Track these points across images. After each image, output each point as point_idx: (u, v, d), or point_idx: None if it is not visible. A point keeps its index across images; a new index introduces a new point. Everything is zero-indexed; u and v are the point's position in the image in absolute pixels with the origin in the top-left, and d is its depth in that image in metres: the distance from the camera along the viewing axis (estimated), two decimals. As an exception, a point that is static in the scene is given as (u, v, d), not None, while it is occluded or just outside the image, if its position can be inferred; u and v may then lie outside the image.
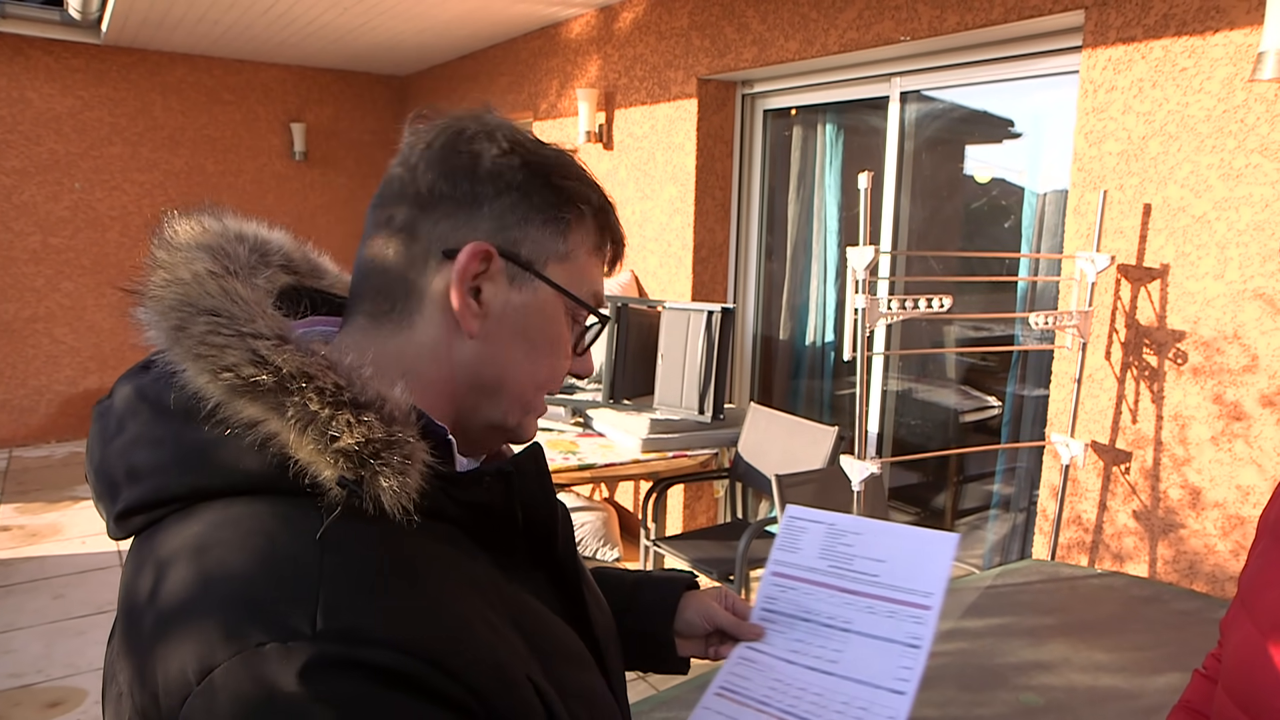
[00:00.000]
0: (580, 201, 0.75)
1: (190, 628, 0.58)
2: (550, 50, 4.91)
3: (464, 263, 0.70)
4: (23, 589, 3.86)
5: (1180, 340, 2.33)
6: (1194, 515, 2.32)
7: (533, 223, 0.73)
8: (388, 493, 0.63)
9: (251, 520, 0.63)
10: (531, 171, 0.73)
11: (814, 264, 3.97)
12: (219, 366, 0.63)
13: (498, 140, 0.73)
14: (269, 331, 0.65)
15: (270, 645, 0.56)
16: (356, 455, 0.62)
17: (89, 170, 5.96)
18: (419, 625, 0.60)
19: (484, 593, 0.68)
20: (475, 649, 0.63)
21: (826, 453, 3.18)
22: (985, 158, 3.41)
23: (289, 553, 0.61)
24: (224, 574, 0.60)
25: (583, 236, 0.76)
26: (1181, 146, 2.28)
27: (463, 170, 0.72)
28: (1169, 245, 2.33)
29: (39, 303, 5.91)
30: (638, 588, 1.04)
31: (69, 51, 5.76)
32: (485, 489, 0.71)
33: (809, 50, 3.31)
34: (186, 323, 0.65)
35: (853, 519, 1.01)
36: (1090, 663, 1.74)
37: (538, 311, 0.74)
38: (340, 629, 0.57)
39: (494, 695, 0.62)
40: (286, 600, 0.58)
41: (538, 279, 0.74)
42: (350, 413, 0.63)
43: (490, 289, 0.72)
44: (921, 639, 0.89)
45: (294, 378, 0.63)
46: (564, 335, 0.77)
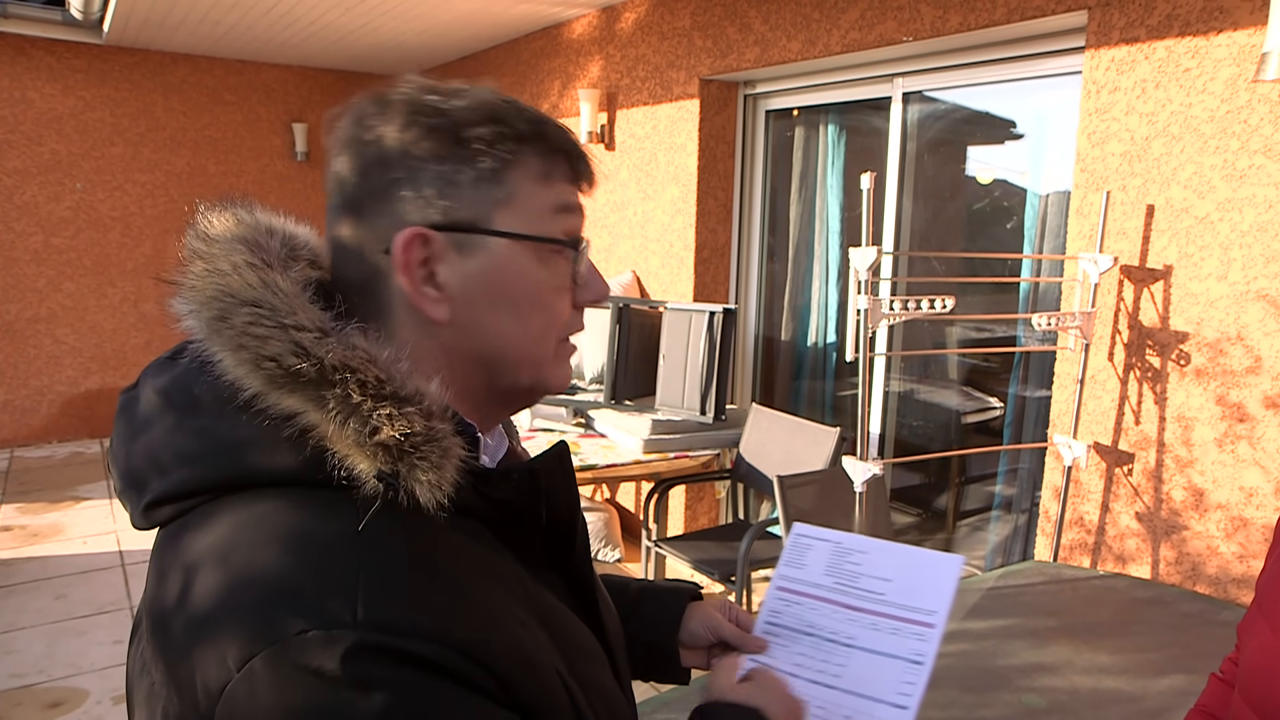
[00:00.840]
0: (499, 142, 0.69)
1: (228, 620, 0.59)
2: (552, 51, 4.91)
3: (401, 256, 0.68)
4: (24, 589, 3.86)
5: (1183, 341, 2.32)
6: (1197, 517, 2.32)
7: (459, 184, 0.68)
8: (424, 486, 0.63)
9: (286, 513, 0.63)
10: (437, 135, 0.68)
11: (816, 265, 3.97)
12: (261, 356, 0.63)
13: (394, 118, 0.69)
14: (310, 324, 0.65)
15: (313, 633, 0.56)
16: (396, 448, 0.63)
17: (90, 171, 5.96)
18: (453, 618, 0.61)
19: (510, 589, 0.69)
20: (505, 641, 0.63)
21: (828, 454, 3.18)
22: (987, 159, 3.41)
23: (326, 545, 0.61)
24: (260, 566, 0.60)
25: (522, 171, 0.70)
26: (1185, 147, 2.27)
27: (372, 161, 0.69)
28: (1172, 246, 2.33)
29: (40, 303, 5.91)
30: (641, 596, 1.04)
31: (71, 52, 5.77)
32: (514, 486, 0.71)
33: (811, 51, 3.31)
34: (228, 313, 0.65)
35: (859, 538, 1.02)
36: (1093, 665, 1.73)
37: (502, 269, 0.70)
38: (380, 619, 0.58)
39: (524, 687, 0.63)
40: (326, 591, 0.58)
41: (487, 236, 0.69)
42: (393, 405, 0.63)
43: (444, 269, 0.69)
44: (924, 656, 0.89)
45: (336, 369, 0.63)
46: (546, 278, 0.72)
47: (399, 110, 0.69)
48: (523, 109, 0.71)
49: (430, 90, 0.71)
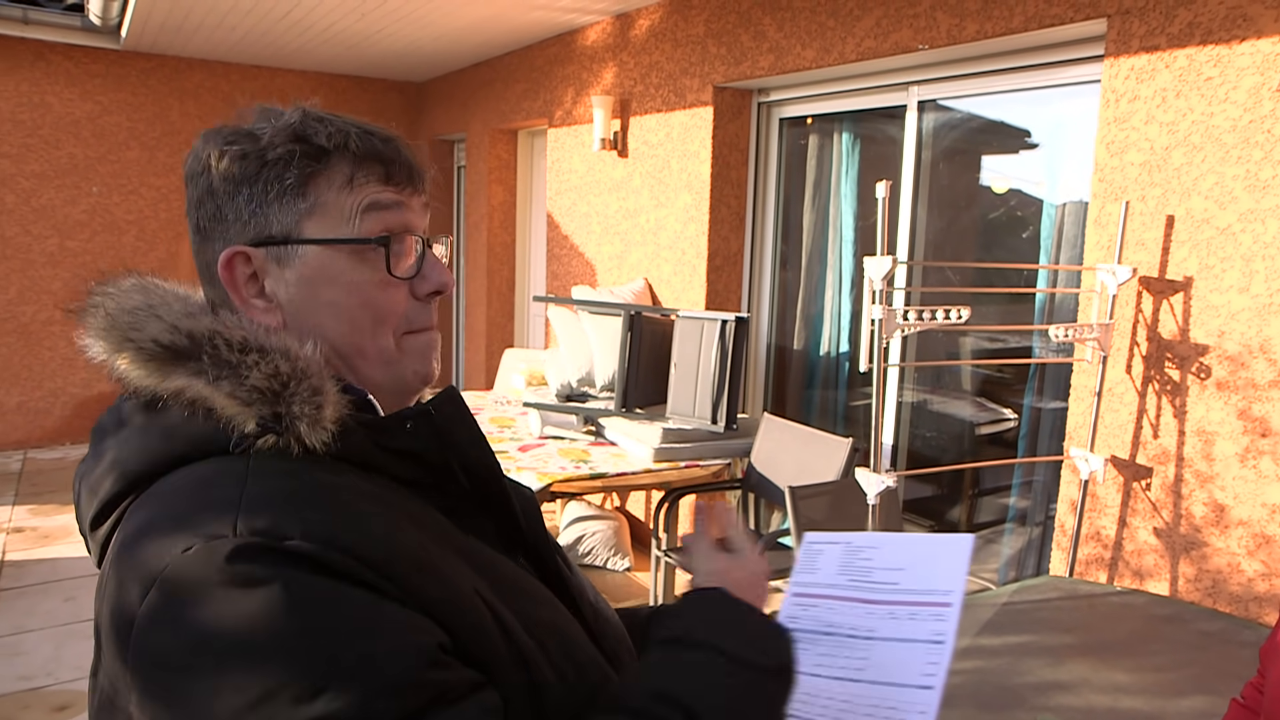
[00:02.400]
0: (299, 159, 0.75)
1: (134, 570, 0.64)
2: (566, 57, 4.91)
3: (224, 275, 0.75)
4: (34, 591, 3.86)
5: (1204, 354, 2.29)
6: (1218, 533, 2.28)
7: (267, 204, 0.75)
8: (303, 422, 0.68)
9: (189, 475, 0.69)
10: (242, 163, 0.75)
11: (829, 274, 3.94)
12: (143, 340, 0.71)
13: (209, 154, 0.76)
14: (181, 310, 0.73)
15: (195, 547, 0.61)
16: (269, 391, 0.68)
17: (107, 174, 5.99)
18: (338, 525, 0.65)
19: (423, 528, 0.71)
20: (402, 549, 0.66)
21: (840, 464, 3.14)
22: (1002, 168, 3.37)
23: (213, 483, 0.67)
24: (157, 520, 0.66)
25: (325, 181, 0.76)
26: (1206, 157, 2.24)
27: (202, 192, 0.77)
28: (1192, 257, 2.29)
29: (56, 305, 5.94)
30: (652, 619, 1.03)
31: (89, 57, 5.81)
32: (410, 433, 0.74)
33: (826, 59, 3.29)
34: (114, 321, 0.73)
35: (869, 535, 1.02)
36: (1110, 683, 1.70)
37: (319, 273, 0.76)
38: (259, 528, 0.62)
39: (425, 590, 0.65)
40: (208, 514, 0.63)
41: (298, 245, 0.75)
42: (257, 354, 0.70)
43: (270, 281, 0.76)
44: (944, 635, 0.89)
45: (205, 335, 0.70)
46: (367, 276, 0.77)
47: (216, 143, 0.77)
48: (330, 124, 0.78)
49: (255, 119, 0.79)
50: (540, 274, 5.86)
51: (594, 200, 4.77)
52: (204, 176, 0.76)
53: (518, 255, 6.08)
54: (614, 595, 3.90)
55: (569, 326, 4.16)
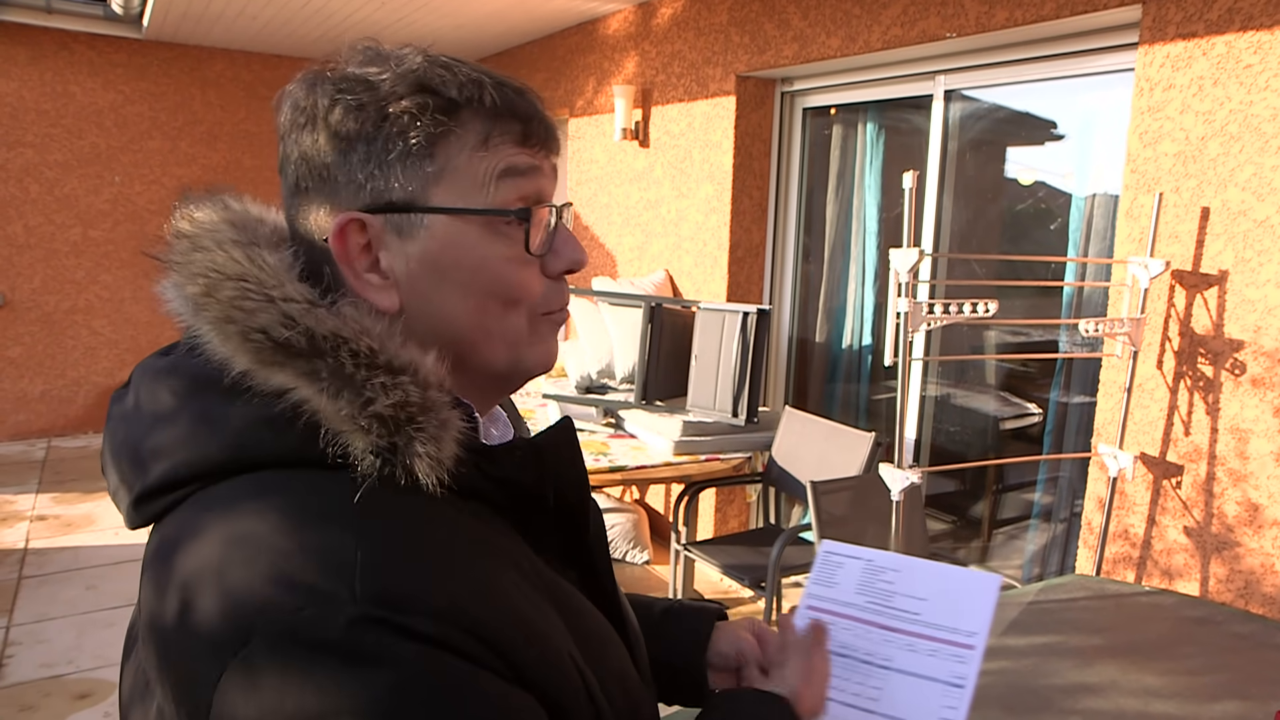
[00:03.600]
0: (427, 112, 0.65)
1: (222, 608, 0.56)
2: (587, 46, 4.87)
3: (337, 246, 0.65)
4: (56, 579, 3.89)
5: (1239, 350, 2.23)
6: (1251, 533, 2.23)
7: (388, 165, 0.65)
8: (423, 460, 0.60)
9: (280, 494, 0.60)
10: (362, 114, 0.65)
11: (852, 266, 3.89)
12: (249, 329, 0.61)
13: (315, 102, 0.66)
14: (299, 296, 0.63)
15: (310, 610, 0.54)
16: (392, 420, 0.60)
17: (129, 164, 6.02)
18: (456, 594, 0.58)
19: (520, 569, 0.65)
20: (512, 619, 0.60)
21: (863, 459, 3.11)
22: (1030, 159, 3.32)
23: (321, 524, 0.58)
24: (253, 551, 0.57)
25: (456, 141, 0.66)
26: (1244, 147, 2.18)
27: (307, 148, 0.66)
28: (1228, 250, 2.24)
29: (79, 295, 5.98)
30: (666, 617, 1.00)
31: (111, 46, 5.83)
32: (517, 463, 0.67)
33: (851, 47, 3.24)
34: (214, 289, 0.63)
35: (891, 556, 0.98)
36: (1140, 686, 1.66)
37: (446, 247, 0.66)
38: (378, 594, 0.55)
39: (533, 667, 0.60)
40: (321, 569, 0.56)
41: (423, 214, 0.65)
42: (386, 375, 0.61)
43: (386, 255, 0.66)
44: (965, 679, 0.86)
45: (327, 339, 0.61)
46: (500, 251, 0.67)
47: (326, 91, 0.66)
48: (459, 72, 0.66)
49: (364, 62, 0.67)
50: (560, 265, 5.83)
51: (615, 191, 4.74)
52: (309, 130, 0.66)
53: (537, 246, 6.05)
54: (632, 588, 3.89)
55: (589, 318, 4.14)
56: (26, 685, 3.06)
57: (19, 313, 5.83)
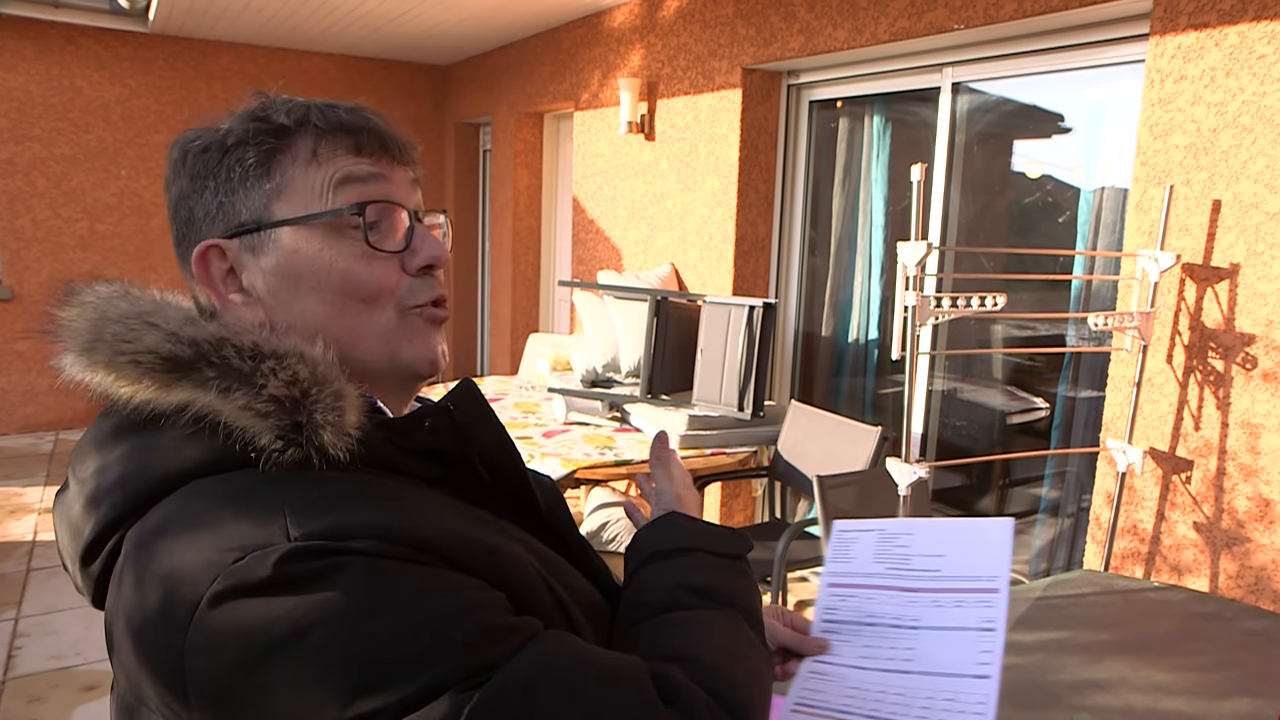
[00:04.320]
0: (258, 136, 0.71)
1: (174, 588, 0.58)
2: (593, 39, 4.85)
3: (198, 271, 0.71)
4: (63, 571, 3.90)
5: (1250, 344, 2.21)
6: (1262, 529, 2.21)
7: (233, 191, 0.71)
8: (327, 430, 0.63)
9: (206, 494, 0.63)
10: (203, 157, 0.72)
11: (859, 259, 3.88)
12: (139, 351, 0.64)
13: (180, 148, 0.74)
14: (177, 317, 0.67)
15: (248, 556, 0.56)
16: (287, 399, 0.63)
17: (135, 158, 6.03)
18: (392, 518, 0.60)
19: (463, 516, 0.67)
20: (452, 531, 0.62)
21: (869, 453, 3.09)
22: (1038, 152, 3.29)
23: (249, 499, 0.61)
24: (192, 538, 0.60)
25: (287, 159, 0.71)
26: (1256, 139, 2.16)
27: (174, 194, 0.74)
28: (1239, 244, 2.21)
29: (86, 288, 5.99)
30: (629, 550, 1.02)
31: (117, 40, 5.83)
32: (429, 430, 0.70)
33: (858, 39, 3.22)
34: (99, 333, 0.66)
35: (902, 521, 0.99)
36: (1149, 683, 1.64)
37: (294, 256, 0.70)
38: (315, 530, 0.57)
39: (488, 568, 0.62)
40: (254, 528, 0.58)
41: (269, 230, 0.70)
42: (273, 360, 0.64)
43: (246, 275, 0.71)
44: (995, 621, 0.86)
45: (209, 343, 0.64)
46: (347, 251, 0.71)
47: (179, 146, 0.74)
48: (289, 102, 0.73)
49: (208, 121, 0.75)
50: (565, 259, 5.82)
51: (620, 184, 4.73)
52: (175, 182, 0.73)
53: (543, 240, 6.05)
54: (638, 582, 3.88)
55: (594, 312, 4.13)
56: (35, 676, 3.07)
57: (26, 306, 5.85)
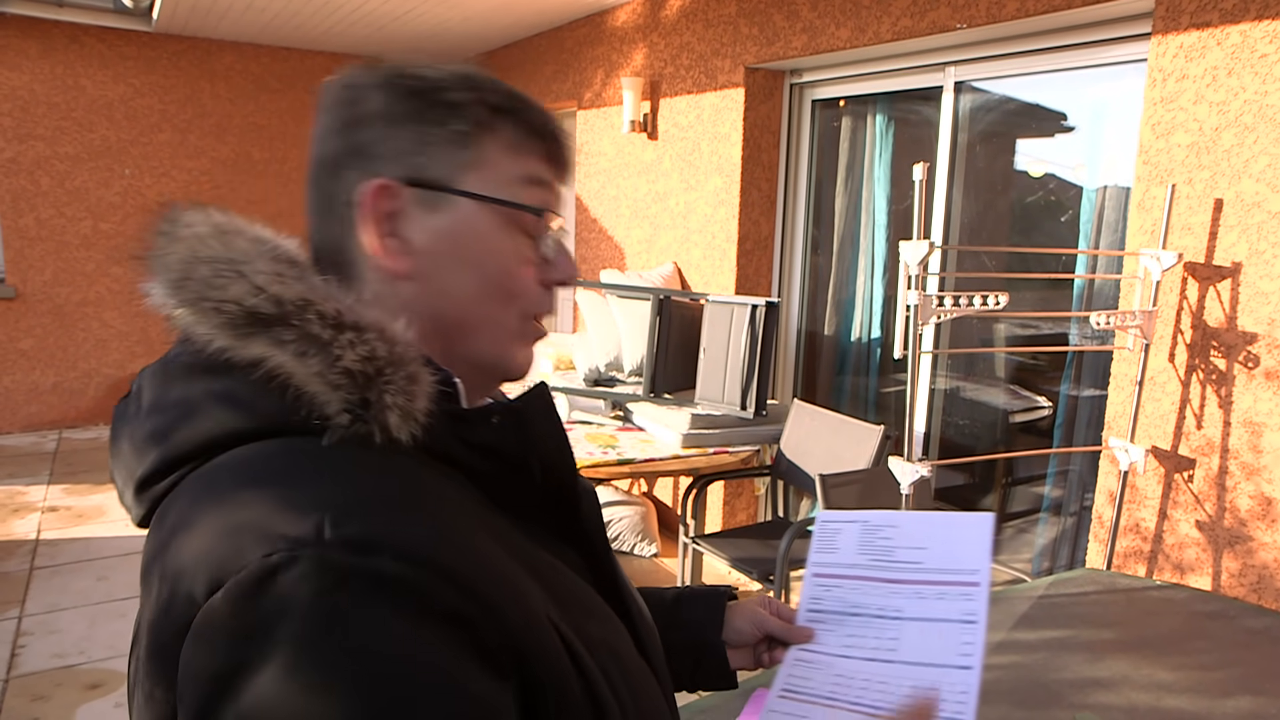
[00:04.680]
0: (474, 107, 0.70)
1: (198, 561, 0.57)
2: (596, 38, 4.86)
3: (368, 204, 0.68)
4: (68, 569, 3.91)
5: (1252, 343, 2.21)
6: (1264, 527, 2.21)
7: (431, 143, 0.69)
8: (394, 413, 0.62)
9: (261, 456, 0.62)
10: (414, 97, 0.70)
11: (861, 258, 3.88)
12: (222, 300, 0.63)
13: (374, 81, 0.71)
14: (267, 269, 0.65)
15: (276, 555, 0.55)
16: (360, 374, 0.62)
17: (139, 157, 6.04)
18: (428, 539, 0.58)
19: (497, 539, 0.65)
20: (487, 567, 0.60)
21: (872, 452, 3.10)
22: (1041, 151, 3.29)
23: (293, 477, 0.60)
24: (230, 508, 0.59)
25: (492, 138, 0.71)
26: (1259, 138, 2.16)
27: (351, 121, 0.71)
28: (1242, 242, 2.22)
29: (89, 287, 6.00)
30: (679, 603, 1.02)
31: (121, 39, 5.84)
32: (495, 428, 0.69)
33: (860, 39, 3.22)
34: (190, 272, 0.66)
35: (886, 514, 1.01)
36: (1152, 681, 1.65)
37: (466, 228, 0.70)
38: (347, 537, 0.56)
39: (511, 615, 0.60)
40: (291, 516, 0.57)
41: (453, 195, 0.70)
42: (353, 333, 0.63)
43: (406, 223, 0.69)
44: (976, 614, 0.89)
45: (293, 303, 0.63)
46: (510, 247, 0.72)
47: (379, 75, 0.71)
48: (502, 84, 0.73)
49: (412, 62, 0.73)
50: (568, 258, 5.82)
51: (623, 183, 4.73)
52: (356, 106, 0.71)
53: (546, 239, 6.05)
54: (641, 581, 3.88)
55: (597, 310, 4.13)
56: (39, 675, 3.08)
57: (30, 305, 5.86)
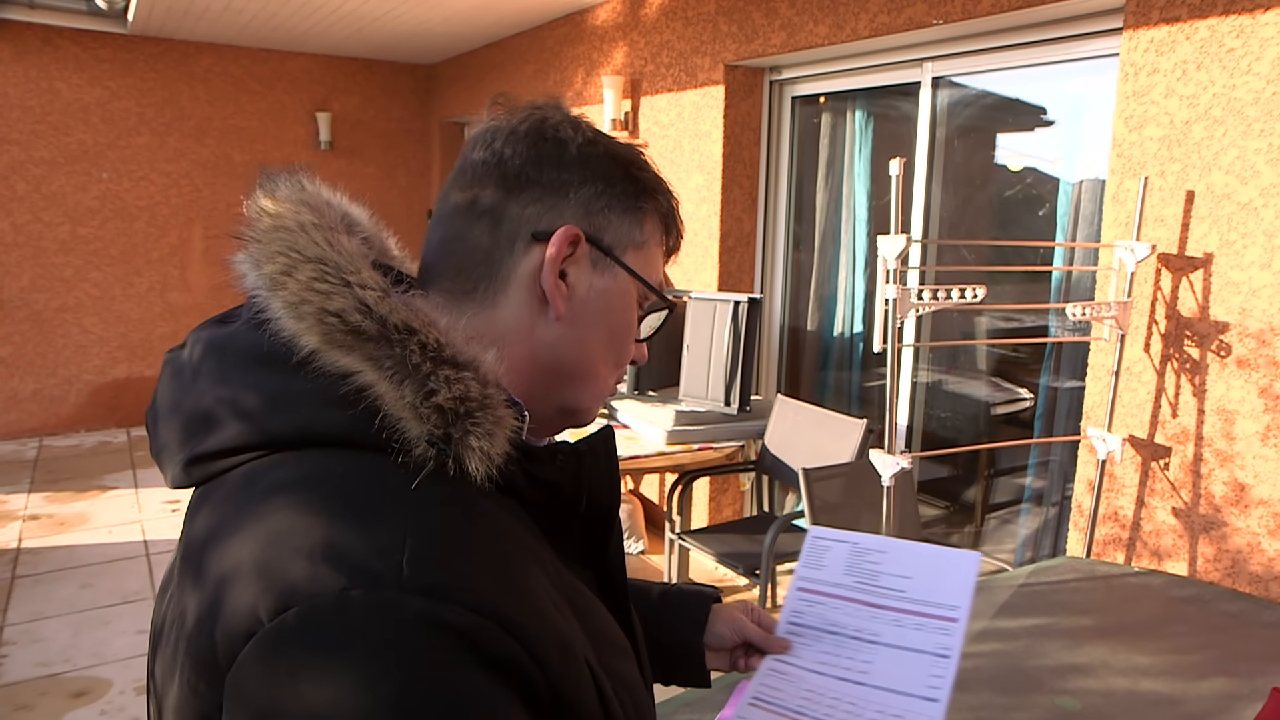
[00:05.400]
0: (655, 194, 0.78)
1: (268, 568, 0.57)
2: (576, 37, 4.86)
3: (557, 245, 0.71)
4: (51, 578, 3.89)
5: (1224, 332, 2.25)
6: (1238, 513, 2.25)
7: (615, 210, 0.75)
8: (475, 455, 0.63)
9: (336, 470, 0.62)
10: (614, 161, 0.75)
11: (843, 254, 3.90)
12: (324, 311, 0.63)
13: (582, 129, 0.75)
14: (374, 284, 0.65)
15: (356, 592, 0.55)
16: (450, 413, 0.62)
17: (117, 160, 5.99)
18: (497, 592, 0.59)
19: (544, 570, 0.67)
20: (543, 622, 0.62)
21: (855, 446, 3.12)
22: (1018, 146, 3.33)
23: (374, 506, 0.60)
24: (307, 520, 0.59)
25: (654, 228, 0.78)
26: (1228, 131, 2.19)
27: (550, 157, 0.73)
28: (1213, 234, 2.25)
29: (68, 292, 5.96)
30: (664, 600, 1.04)
31: (96, 42, 5.79)
32: (559, 467, 0.71)
33: (839, 35, 3.24)
34: (292, 269, 0.65)
35: (876, 538, 1.03)
36: (1130, 666, 1.68)
37: (617, 296, 0.76)
38: (425, 584, 0.56)
39: (557, 669, 0.61)
40: (372, 551, 0.57)
41: (618, 265, 0.75)
42: (450, 369, 0.64)
43: (575, 272, 0.73)
44: (950, 650, 0.91)
45: (398, 329, 0.63)
46: (633, 321, 0.79)
47: (586, 126, 0.76)
48: (666, 184, 0.80)
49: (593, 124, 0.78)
50: (551, 257, 5.82)
51: (604, 182, 4.73)
52: (554, 144, 0.74)
53: (528, 238, 6.05)
54: (627, 578, 3.90)
55: (580, 309, 4.13)
56: (23, 684, 3.07)
57: (8, 311, 5.81)
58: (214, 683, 0.57)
